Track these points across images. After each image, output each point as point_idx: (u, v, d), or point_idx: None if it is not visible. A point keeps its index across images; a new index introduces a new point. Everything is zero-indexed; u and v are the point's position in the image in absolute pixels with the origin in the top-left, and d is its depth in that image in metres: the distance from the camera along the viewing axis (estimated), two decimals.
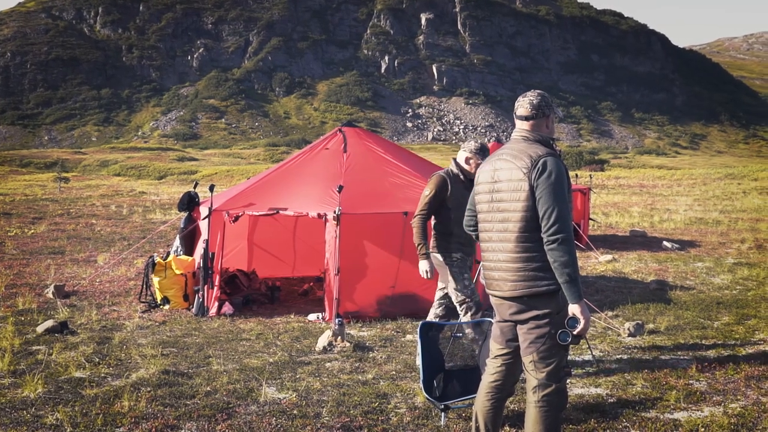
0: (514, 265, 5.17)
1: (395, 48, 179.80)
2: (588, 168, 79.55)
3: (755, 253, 19.19)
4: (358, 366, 8.55)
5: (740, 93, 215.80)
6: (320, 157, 12.24)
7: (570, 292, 4.98)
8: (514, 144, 5.34)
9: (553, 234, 4.97)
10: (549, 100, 5.40)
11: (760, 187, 50.45)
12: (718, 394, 7.60)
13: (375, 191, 11.36)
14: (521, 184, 5.11)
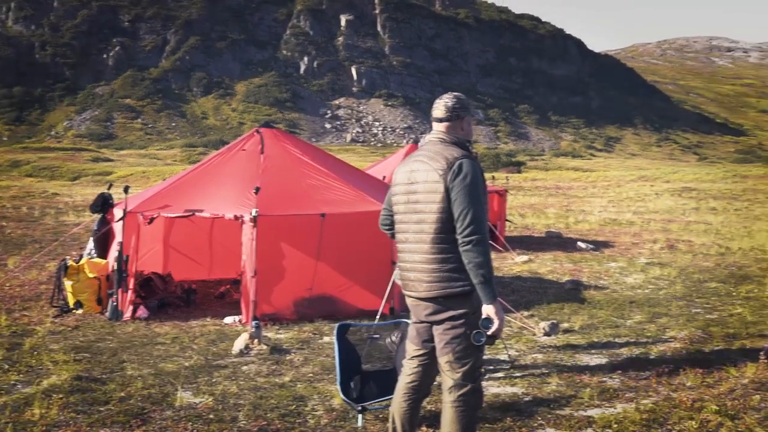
0: (430, 266, 5.20)
1: (314, 49, 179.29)
2: (505, 170, 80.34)
3: (667, 253, 19.56)
4: (275, 369, 8.53)
5: (654, 97, 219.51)
6: (237, 158, 12.16)
7: (484, 292, 5.02)
8: (431, 146, 5.37)
9: (467, 235, 5.01)
10: (465, 102, 5.44)
11: (672, 189, 51.39)
12: (631, 391, 7.76)
13: (292, 193, 11.32)
14: (437, 186, 5.14)
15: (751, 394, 7.63)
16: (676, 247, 20.74)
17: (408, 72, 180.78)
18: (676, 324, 11.15)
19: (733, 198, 44.39)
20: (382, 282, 10.22)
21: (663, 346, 9.75)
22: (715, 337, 10.26)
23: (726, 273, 16.20)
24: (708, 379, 8.18)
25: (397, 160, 20.18)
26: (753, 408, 7.19)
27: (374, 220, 6.11)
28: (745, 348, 9.65)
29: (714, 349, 9.66)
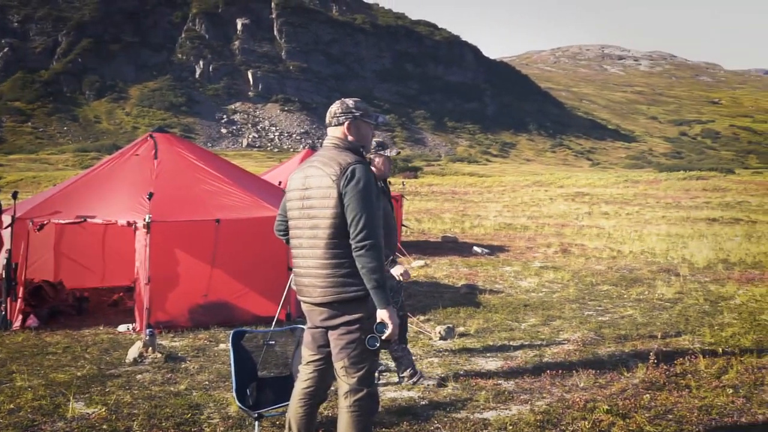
0: (324, 272, 5.20)
1: (210, 53, 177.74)
2: (402, 175, 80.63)
3: (560, 256, 19.92)
4: (170, 377, 8.40)
5: (548, 104, 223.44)
6: (130, 163, 11.95)
7: (378, 297, 5.04)
8: (325, 151, 5.38)
9: (360, 240, 5.02)
10: (351, 107, 5.43)
11: (565, 194, 52.37)
12: (525, 393, 7.85)
13: (186, 198, 11.18)
14: (330, 192, 5.14)
15: (641, 393, 7.81)
16: (569, 251, 21.11)
17: (304, 77, 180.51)
18: (569, 326, 11.36)
19: (624, 203, 45.47)
20: (278, 288, 10.18)
21: (557, 348, 9.91)
22: (607, 339, 10.48)
23: (617, 276, 16.56)
24: (600, 379, 8.34)
25: (294, 165, 20.11)
26: (643, 407, 7.35)
27: (270, 225, 6.06)
28: (636, 349, 9.87)
29: (606, 350, 9.86)
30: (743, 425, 6.98)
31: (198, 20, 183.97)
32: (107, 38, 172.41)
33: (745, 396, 7.76)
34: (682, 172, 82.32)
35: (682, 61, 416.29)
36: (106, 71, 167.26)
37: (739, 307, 13.03)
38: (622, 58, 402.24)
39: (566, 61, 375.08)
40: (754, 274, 17.03)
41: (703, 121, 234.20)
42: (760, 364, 9.04)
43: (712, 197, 49.86)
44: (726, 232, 27.45)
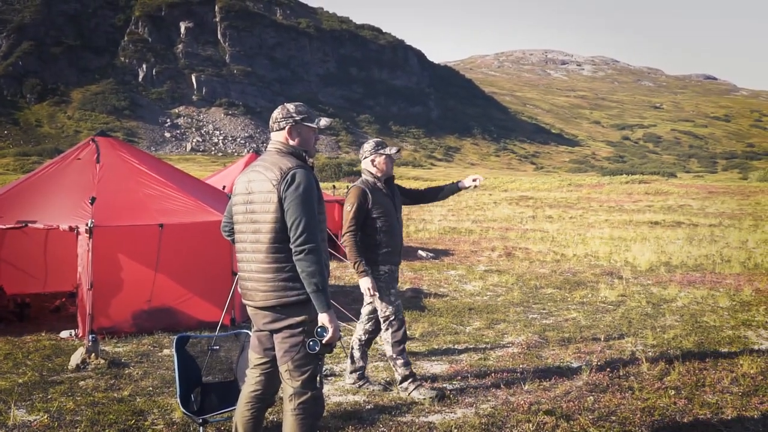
0: (266, 275, 5.22)
1: (153, 56, 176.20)
2: (347, 179, 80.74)
3: (504, 260, 20.03)
4: (114, 383, 8.32)
5: (492, 108, 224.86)
6: (72, 167, 11.77)
7: (318, 301, 5.07)
8: (268, 156, 5.41)
9: (300, 244, 5.06)
10: (292, 111, 5.46)
11: (509, 198, 52.72)
12: (470, 396, 7.89)
13: (129, 203, 11.06)
14: (270, 196, 5.17)
15: (585, 395, 7.89)
16: (513, 254, 21.24)
17: (249, 81, 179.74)
18: (513, 329, 11.42)
19: (568, 206, 45.86)
20: (223, 292, 10.13)
21: (501, 352, 9.97)
22: (551, 342, 10.56)
23: (561, 279, 16.68)
24: (544, 382, 8.40)
25: (238, 169, 20.03)
26: (587, 409, 7.42)
27: (214, 230, 6.04)
28: (580, 351, 9.95)
29: (550, 353, 9.94)
30: (685, 426, 7.07)
31: (141, 23, 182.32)
32: (48, 41, 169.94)
33: (686, 397, 7.87)
34: (624, 176, 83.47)
35: (625, 66, 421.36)
36: (48, 74, 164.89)
37: (680, 310, 13.19)
38: (566, 63, 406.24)
39: (510, 66, 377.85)
40: (695, 276, 17.25)
41: (645, 126, 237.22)
42: (702, 365, 9.17)
43: (654, 201, 50.47)
44: (668, 235, 27.77)
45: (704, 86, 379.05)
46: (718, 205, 46.54)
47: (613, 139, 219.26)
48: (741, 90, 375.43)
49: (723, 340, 10.74)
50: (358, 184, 8.00)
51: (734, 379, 8.57)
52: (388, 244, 7.89)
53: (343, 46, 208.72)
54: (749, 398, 7.88)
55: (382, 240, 7.86)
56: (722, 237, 27.24)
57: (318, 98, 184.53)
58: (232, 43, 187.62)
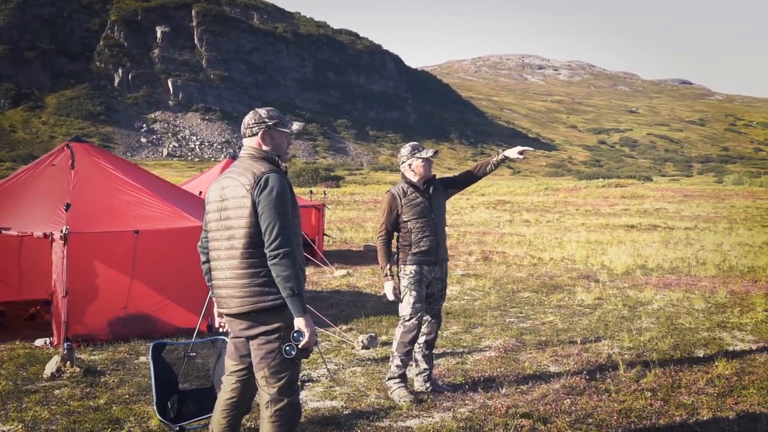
0: (241, 281, 5.21)
1: (129, 61, 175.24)
2: (324, 184, 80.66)
3: (482, 264, 20.07)
4: (90, 391, 8.26)
5: (469, 112, 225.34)
6: (46, 173, 11.69)
7: (294, 305, 5.06)
8: (240, 161, 5.41)
9: (274, 249, 5.05)
10: (264, 117, 5.47)
11: (487, 202, 52.84)
12: (448, 400, 7.90)
13: (105, 209, 11.00)
14: (244, 201, 5.17)
15: (562, 398, 7.92)
16: (490, 258, 21.28)
17: (225, 86, 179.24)
18: (490, 333, 11.46)
19: (545, 210, 45.98)
20: (199, 299, 10.08)
21: (478, 356, 9.99)
22: (528, 345, 10.58)
23: (538, 283, 16.73)
24: (522, 385, 8.42)
25: (214, 174, 19.96)
26: (564, 412, 7.45)
27: (190, 236, 6.01)
28: (557, 354, 9.98)
29: (527, 356, 9.96)
30: (661, 427, 7.11)
31: (116, 28, 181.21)
32: (22, 45, 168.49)
33: (663, 399, 7.92)
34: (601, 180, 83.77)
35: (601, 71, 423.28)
36: (22, 79, 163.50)
37: (656, 312, 13.27)
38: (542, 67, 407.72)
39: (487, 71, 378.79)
40: (671, 279, 17.34)
41: (622, 130, 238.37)
42: (677, 367, 9.23)
43: (630, 204, 50.66)
44: (644, 239, 27.90)
45: (680, 91, 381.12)
46: (694, 209, 46.79)
47: (590, 144, 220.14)
48: (716, 94, 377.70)
49: (698, 342, 10.81)
50: (391, 190, 8.22)
51: (710, 380, 8.63)
52: (419, 247, 7.97)
53: (320, 50, 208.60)
54: (724, 399, 7.94)
55: (413, 242, 7.98)
56: (697, 240, 27.41)
57: (295, 103, 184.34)
58: (208, 48, 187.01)
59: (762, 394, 8.09)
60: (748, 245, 25.48)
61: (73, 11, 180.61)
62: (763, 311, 13.25)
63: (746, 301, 14.40)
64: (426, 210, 8.07)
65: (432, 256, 8.07)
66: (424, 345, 8.30)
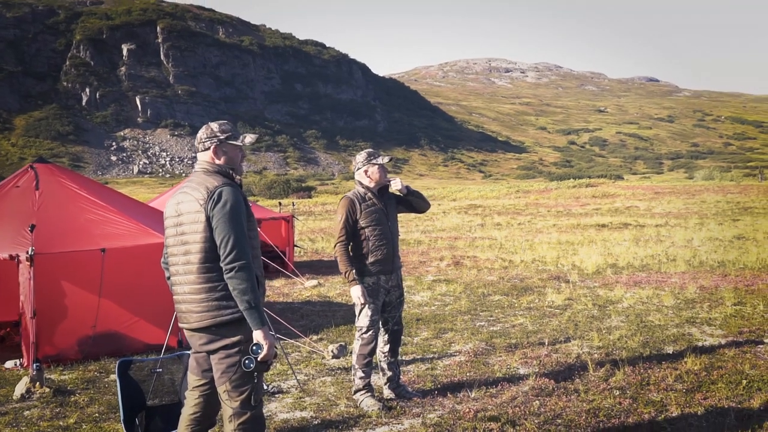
0: (198, 296, 5.22)
1: (96, 80, 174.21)
2: (296, 195, 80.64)
3: (453, 269, 20.09)
4: (59, 411, 8.23)
5: (438, 118, 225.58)
6: (10, 195, 11.62)
7: (251, 318, 5.08)
8: (195, 176, 5.44)
9: (230, 262, 5.08)
10: (216, 131, 5.50)
11: (458, 207, 52.90)
12: (417, 406, 7.94)
13: (71, 229, 10.96)
14: (198, 216, 5.19)
15: (531, 400, 7.96)
16: (461, 263, 21.32)
17: (194, 101, 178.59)
18: (461, 338, 11.48)
19: (516, 213, 46.15)
20: (168, 315, 10.04)
21: (448, 361, 10.02)
22: (498, 348, 10.63)
23: (509, 285, 16.78)
24: (491, 389, 8.46)
25: None
26: (533, 413, 7.49)
27: (157, 252, 6.02)
28: (527, 356, 10.03)
29: (497, 359, 10.01)
30: (630, 425, 7.16)
31: (82, 47, 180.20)
32: None
33: (632, 396, 7.97)
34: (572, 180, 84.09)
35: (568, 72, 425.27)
36: None
37: (626, 310, 13.35)
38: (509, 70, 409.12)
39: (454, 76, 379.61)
40: (641, 276, 17.45)
41: (591, 130, 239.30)
42: (647, 364, 9.30)
43: (601, 203, 50.93)
44: (615, 237, 28.07)
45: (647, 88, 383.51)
46: (665, 205, 47.10)
47: (560, 144, 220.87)
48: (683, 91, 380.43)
49: (667, 339, 10.89)
50: (348, 195, 8.11)
51: (678, 377, 8.70)
52: (376, 255, 7.97)
53: (287, 62, 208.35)
54: (693, 394, 8.01)
55: (370, 250, 7.96)
56: (668, 236, 27.60)
57: (264, 115, 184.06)
58: (175, 64, 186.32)
59: (730, 388, 8.18)
60: (719, 240, 25.67)
61: (38, 32, 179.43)
62: (732, 305, 13.37)
63: (715, 295, 14.51)
64: (383, 217, 8.07)
65: (389, 265, 8.08)
66: (389, 353, 8.31)
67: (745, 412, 7.38)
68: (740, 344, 10.37)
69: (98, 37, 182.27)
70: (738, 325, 11.73)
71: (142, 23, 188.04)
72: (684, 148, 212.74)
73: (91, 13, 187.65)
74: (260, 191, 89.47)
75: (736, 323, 11.86)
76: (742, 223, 32.69)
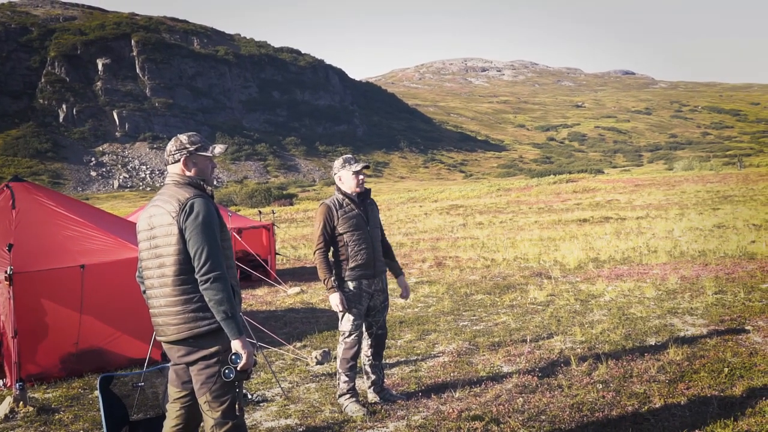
0: (175, 309, 5.23)
1: (73, 96, 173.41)
2: (277, 203, 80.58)
3: (435, 270, 20.11)
4: (44, 430, 8.22)
5: (416, 120, 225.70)
6: None
7: (228, 328, 5.09)
8: (166, 189, 5.44)
9: (204, 274, 5.09)
10: (185, 143, 5.52)
11: (440, 208, 52.93)
12: (402, 409, 7.93)
13: (49, 246, 10.91)
14: (171, 228, 5.20)
15: (515, 397, 7.99)
16: (444, 264, 21.34)
17: (171, 113, 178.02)
18: (444, 338, 11.50)
19: (498, 211, 46.19)
20: (150, 328, 9.98)
21: (432, 362, 10.03)
22: (481, 347, 10.65)
23: (491, 284, 16.81)
24: (475, 388, 8.48)
25: None
26: (517, 410, 7.52)
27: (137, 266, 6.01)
28: (510, 354, 10.06)
29: (480, 358, 10.03)
30: (614, 418, 7.18)
31: (57, 63, 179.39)
32: None
33: (615, 390, 8.01)
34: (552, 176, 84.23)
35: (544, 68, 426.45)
36: None
37: (608, 304, 13.40)
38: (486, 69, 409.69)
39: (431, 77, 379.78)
40: (622, 270, 17.51)
41: (569, 125, 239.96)
42: (629, 357, 9.35)
43: (582, 198, 51.11)
44: (596, 232, 28.15)
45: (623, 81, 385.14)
46: (645, 197, 47.27)
47: (539, 141, 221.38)
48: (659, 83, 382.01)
49: (650, 330, 10.94)
50: (326, 202, 8.15)
51: (661, 368, 8.74)
52: (356, 260, 8.00)
53: (263, 70, 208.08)
54: (676, 385, 8.05)
55: (349, 256, 7.99)
56: (649, 228, 27.72)
57: (242, 124, 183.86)
58: (151, 76, 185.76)
59: (712, 377, 8.23)
60: (699, 229, 25.79)
61: (11, 50, 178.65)
62: (713, 294, 13.42)
63: (696, 285, 14.57)
64: (362, 222, 8.08)
65: (370, 269, 8.10)
66: (372, 356, 8.33)
67: (728, 400, 7.42)
68: (722, 333, 10.43)
69: (73, 53, 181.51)
70: (719, 313, 11.80)
71: (116, 37, 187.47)
72: (662, 140, 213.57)
73: (65, 29, 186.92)
74: (241, 200, 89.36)
75: (717, 312, 11.93)
76: (722, 212, 32.84)
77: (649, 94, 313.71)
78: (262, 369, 10.04)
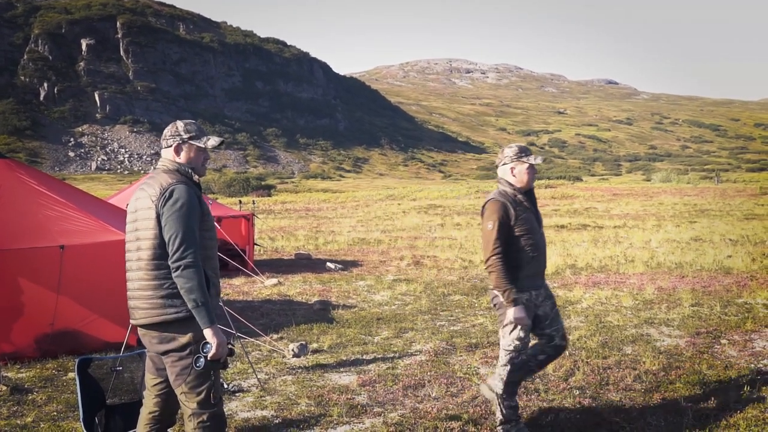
0: (146, 293, 5.24)
1: (55, 74, 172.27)
2: (255, 193, 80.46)
3: (413, 268, 20.13)
4: (17, 410, 8.15)
5: (398, 118, 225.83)
6: None
7: (199, 317, 5.08)
8: (155, 173, 5.47)
9: (177, 260, 5.08)
10: (180, 130, 5.51)
11: (418, 207, 53.00)
12: (379, 406, 7.93)
13: (28, 225, 10.82)
14: (150, 213, 5.21)
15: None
16: (421, 263, 21.35)
17: (153, 97, 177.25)
18: (421, 337, 11.50)
19: (476, 213, 46.20)
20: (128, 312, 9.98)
21: (409, 360, 10.03)
22: (459, 348, 10.66)
23: (469, 285, 16.84)
24: (452, 388, 8.49)
25: None
26: (494, 412, 7.50)
27: (116, 249, 5.99)
28: (487, 356, 10.07)
29: (458, 359, 10.04)
30: (590, 425, 7.20)
31: (41, 41, 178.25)
32: None
33: (591, 396, 8.03)
34: None
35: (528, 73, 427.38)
36: None
37: (585, 311, 13.44)
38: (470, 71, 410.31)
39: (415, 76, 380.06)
40: (599, 277, 17.55)
41: (550, 131, 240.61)
42: (606, 364, 9.38)
43: (560, 205, 51.25)
44: (574, 238, 28.21)
45: (606, 91, 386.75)
46: (623, 207, 47.47)
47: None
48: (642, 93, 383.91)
49: (626, 339, 10.98)
50: (497, 197, 6.93)
51: (637, 377, 8.78)
52: (531, 267, 6.97)
53: (247, 60, 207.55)
54: (651, 394, 8.09)
55: (525, 262, 6.90)
56: (626, 238, 27.80)
57: (224, 113, 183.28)
58: (135, 60, 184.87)
59: (688, 388, 8.26)
60: (676, 241, 25.88)
61: None
62: (690, 306, 13.49)
63: (673, 296, 14.64)
64: (535, 223, 7.14)
65: (540, 279, 7.20)
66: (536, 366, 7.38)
67: (703, 412, 7.45)
68: (698, 345, 10.49)
69: (57, 31, 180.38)
70: (695, 325, 11.85)
71: (101, 18, 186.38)
72: (642, 151, 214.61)
73: (50, 7, 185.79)
74: (220, 189, 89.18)
75: (693, 324, 11.98)
76: (699, 225, 32.97)
77: (631, 104, 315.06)
78: (239, 359, 10.01)
